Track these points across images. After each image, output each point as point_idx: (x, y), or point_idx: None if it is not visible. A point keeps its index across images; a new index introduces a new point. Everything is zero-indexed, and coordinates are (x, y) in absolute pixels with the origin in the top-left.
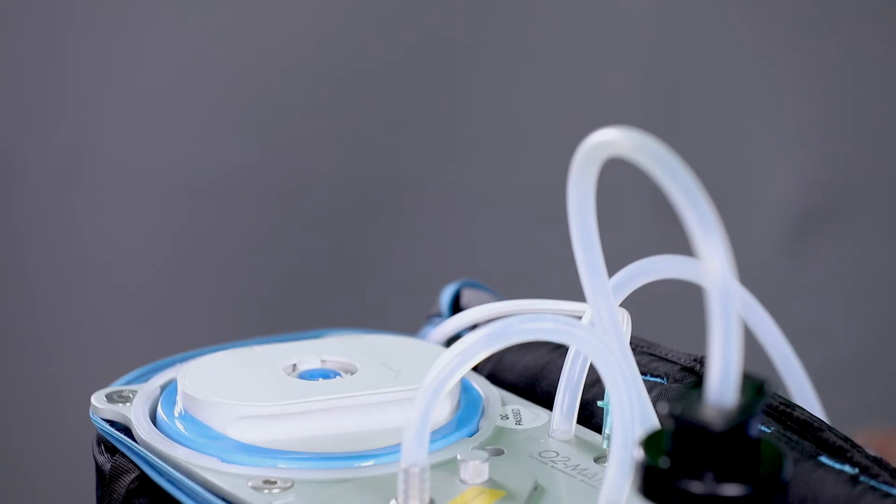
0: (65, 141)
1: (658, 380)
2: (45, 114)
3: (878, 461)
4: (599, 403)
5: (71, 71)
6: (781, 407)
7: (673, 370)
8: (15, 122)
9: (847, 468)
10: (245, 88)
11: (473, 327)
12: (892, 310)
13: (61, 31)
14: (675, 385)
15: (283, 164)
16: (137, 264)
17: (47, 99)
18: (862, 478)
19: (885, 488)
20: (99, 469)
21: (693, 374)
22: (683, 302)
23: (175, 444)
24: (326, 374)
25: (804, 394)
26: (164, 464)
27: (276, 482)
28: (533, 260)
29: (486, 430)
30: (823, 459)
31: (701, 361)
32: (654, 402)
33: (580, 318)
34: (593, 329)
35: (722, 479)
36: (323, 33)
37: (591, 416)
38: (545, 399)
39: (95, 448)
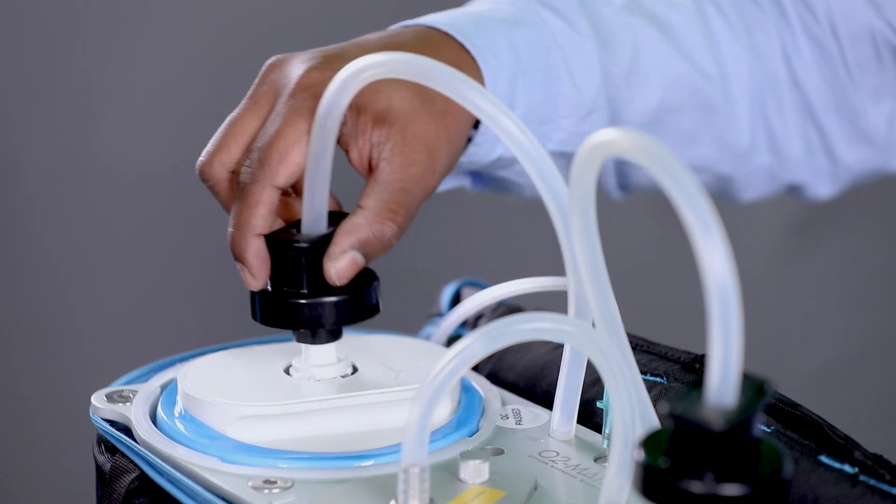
0: (65, 142)
1: (658, 379)
2: (44, 114)
3: (878, 460)
4: (599, 404)
5: (71, 72)
6: (781, 406)
7: (673, 369)
8: (15, 123)
9: (847, 467)
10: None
11: (477, 319)
12: (891, 309)
13: (62, 33)
14: (675, 384)
15: None
16: (138, 264)
17: (47, 99)
18: (862, 477)
19: (885, 488)
20: (99, 469)
21: (693, 373)
22: (683, 299)
23: (175, 444)
24: None
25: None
26: (164, 464)
27: (276, 482)
28: (533, 259)
29: (486, 430)
30: (823, 458)
31: (701, 360)
32: (655, 402)
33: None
34: (592, 329)
35: (722, 479)
36: (319, 34)
37: (591, 415)
38: (545, 399)
39: (95, 448)
